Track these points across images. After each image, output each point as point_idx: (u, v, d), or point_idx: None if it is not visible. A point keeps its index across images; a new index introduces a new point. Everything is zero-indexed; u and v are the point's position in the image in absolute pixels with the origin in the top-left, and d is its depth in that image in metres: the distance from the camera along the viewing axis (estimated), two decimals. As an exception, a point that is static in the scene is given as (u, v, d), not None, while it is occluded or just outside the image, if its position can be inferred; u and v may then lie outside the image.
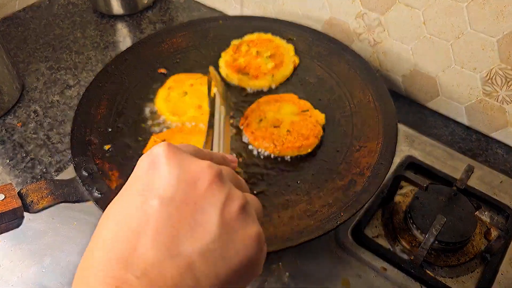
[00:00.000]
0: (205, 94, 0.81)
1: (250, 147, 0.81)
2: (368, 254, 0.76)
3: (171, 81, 0.90)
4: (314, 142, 0.79)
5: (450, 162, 0.90)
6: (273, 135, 0.78)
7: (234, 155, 0.74)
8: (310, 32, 1.00)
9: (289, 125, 0.80)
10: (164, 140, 0.78)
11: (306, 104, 0.85)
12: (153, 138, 0.80)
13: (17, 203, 0.63)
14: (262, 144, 0.78)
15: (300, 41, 0.99)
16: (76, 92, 1.08)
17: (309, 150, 0.79)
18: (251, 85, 0.90)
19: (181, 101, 0.86)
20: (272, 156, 0.79)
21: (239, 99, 0.88)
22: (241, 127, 0.81)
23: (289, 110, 0.83)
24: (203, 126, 0.82)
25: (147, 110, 0.87)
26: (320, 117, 0.84)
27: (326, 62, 0.94)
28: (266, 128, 0.79)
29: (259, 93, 0.90)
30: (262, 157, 0.79)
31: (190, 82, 0.88)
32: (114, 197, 0.66)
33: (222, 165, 0.41)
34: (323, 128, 0.82)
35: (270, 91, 0.90)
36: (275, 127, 0.79)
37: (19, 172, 0.91)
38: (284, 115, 0.82)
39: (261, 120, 0.80)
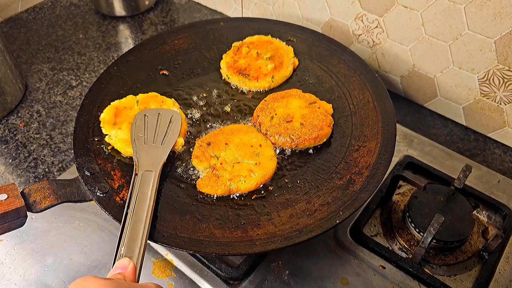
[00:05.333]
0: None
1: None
2: (366, 252, 0.77)
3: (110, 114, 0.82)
4: (328, 132, 0.80)
5: (448, 162, 0.91)
6: (288, 130, 0.79)
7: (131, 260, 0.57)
8: (310, 34, 1.01)
9: (300, 118, 0.81)
10: (209, 143, 0.77)
11: (311, 97, 0.86)
12: (198, 142, 0.79)
13: (20, 202, 0.64)
14: (278, 140, 0.79)
15: (300, 42, 1.00)
16: (79, 93, 1.09)
17: (324, 140, 0.80)
18: (251, 86, 0.91)
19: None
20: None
21: (242, 101, 0.89)
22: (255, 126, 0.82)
23: (297, 104, 0.84)
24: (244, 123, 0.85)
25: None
26: (328, 106, 0.84)
27: (325, 63, 0.95)
28: (279, 124, 0.80)
29: (259, 94, 0.91)
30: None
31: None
32: (116, 197, 0.67)
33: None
34: (332, 116, 0.84)
35: (270, 91, 0.91)
36: (287, 122, 0.80)
37: (21, 172, 0.92)
38: (293, 109, 0.83)
39: (272, 117, 0.80)
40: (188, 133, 0.82)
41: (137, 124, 0.78)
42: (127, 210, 0.64)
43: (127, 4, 1.30)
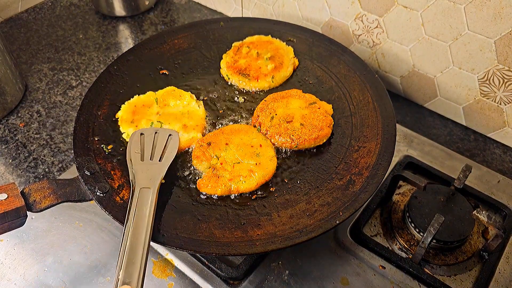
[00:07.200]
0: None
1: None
2: (366, 252, 0.77)
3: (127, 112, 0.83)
4: (328, 132, 0.80)
5: (448, 162, 0.91)
6: (288, 130, 0.79)
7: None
8: (310, 34, 1.01)
9: (300, 118, 0.81)
10: (209, 143, 0.77)
11: (312, 97, 0.86)
12: (198, 142, 0.78)
13: (20, 202, 0.63)
14: (278, 140, 0.79)
15: (300, 43, 1.00)
16: (79, 93, 1.09)
17: (324, 140, 0.80)
18: (251, 86, 0.91)
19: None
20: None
21: (242, 100, 0.89)
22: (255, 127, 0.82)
23: (297, 105, 0.84)
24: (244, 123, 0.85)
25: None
26: (328, 107, 0.85)
27: (325, 63, 0.95)
28: (280, 124, 0.80)
29: (260, 94, 0.91)
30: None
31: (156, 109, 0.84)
32: (116, 196, 0.66)
33: None
34: (332, 117, 0.84)
35: (270, 91, 0.91)
36: (287, 122, 0.80)
37: (21, 172, 0.92)
38: (294, 109, 0.83)
39: (272, 117, 0.80)
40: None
41: (133, 142, 0.76)
42: (124, 230, 0.61)
43: (127, 4, 1.30)
